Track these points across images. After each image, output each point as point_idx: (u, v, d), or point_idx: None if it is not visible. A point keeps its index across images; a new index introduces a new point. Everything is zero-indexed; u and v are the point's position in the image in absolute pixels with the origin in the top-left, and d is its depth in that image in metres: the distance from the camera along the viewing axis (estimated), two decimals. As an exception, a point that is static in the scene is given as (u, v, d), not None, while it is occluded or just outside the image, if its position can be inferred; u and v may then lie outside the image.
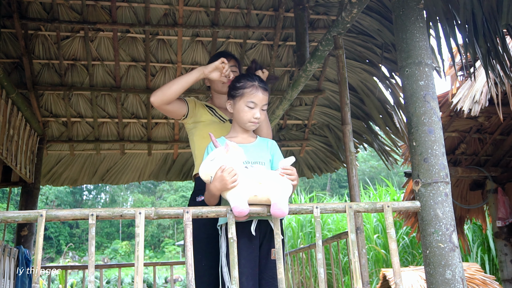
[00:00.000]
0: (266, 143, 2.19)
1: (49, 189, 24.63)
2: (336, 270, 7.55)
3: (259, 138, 2.23)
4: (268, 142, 2.20)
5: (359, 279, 1.86)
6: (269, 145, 2.18)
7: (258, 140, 2.21)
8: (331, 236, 3.75)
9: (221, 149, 1.90)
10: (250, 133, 2.21)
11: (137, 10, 4.06)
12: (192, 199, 2.37)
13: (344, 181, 24.46)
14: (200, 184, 2.28)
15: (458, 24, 2.40)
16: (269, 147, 2.17)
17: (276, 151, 2.18)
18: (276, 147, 2.20)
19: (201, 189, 2.25)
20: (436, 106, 2.09)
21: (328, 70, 4.63)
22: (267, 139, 2.24)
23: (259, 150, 2.13)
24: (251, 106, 2.12)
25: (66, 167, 5.15)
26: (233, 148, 1.89)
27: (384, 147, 4.77)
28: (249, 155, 2.05)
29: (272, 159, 2.14)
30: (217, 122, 2.47)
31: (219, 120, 2.48)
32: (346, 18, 2.74)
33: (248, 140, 2.17)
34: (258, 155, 2.10)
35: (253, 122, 2.14)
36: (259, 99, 2.13)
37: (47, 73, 4.38)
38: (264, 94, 2.15)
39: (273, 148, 2.18)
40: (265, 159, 2.10)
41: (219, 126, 2.44)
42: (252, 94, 2.13)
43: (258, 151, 2.12)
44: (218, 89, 2.52)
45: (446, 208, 1.98)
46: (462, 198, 6.13)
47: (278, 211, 1.80)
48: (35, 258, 1.66)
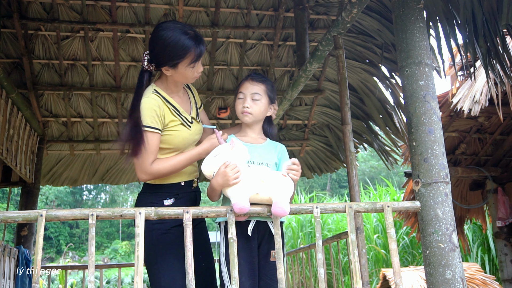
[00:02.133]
0: (275, 147, 2.19)
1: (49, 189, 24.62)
2: (336, 270, 7.55)
3: (269, 140, 2.23)
4: (277, 145, 2.20)
5: (359, 279, 1.86)
6: (278, 149, 2.19)
7: (267, 142, 2.21)
8: (331, 236, 3.75)
9: (226, 145, 1.91)
10: (259, 134, 2.21)
11: (137, 10, 4.06)
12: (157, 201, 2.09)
13: (344, 181, 24.45)
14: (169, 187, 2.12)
15: (458, 24, 2.40)
16: (277, 151, 2.17)
17: (284, 155, 2.18)
18: (285, 151, 2.20)
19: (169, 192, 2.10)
20: (436, 106, 2.09)
21: (328, 70, 4.63)
22: (277, 142, 2.24)
23: (266, 152, 2.13)
24: (240, 97, 2.17)
25: (66, 167, 5.15)
26: (238, 145, 1.90)
27: (384, 147, 4.77)
28: (256, 156, 2.06)
29: (279, 163, 2.13)
30: (185, 129, 2.12)
31: (186, 126, 2.13)
32: (346, 18, 2.74)
33: (257, 141, 2.17)
34: (264, 156, 2.10)
35: (244, 112, 2.13)
36: (245, 88, 2.16)
37: (47, 73, 4.38)
38: (251, 83, 2.16)
39: (281, 152, 2.18)
40: (271, 161, 2.10)
41: (188, 134, 2.13)
42: (240, 86, 2.19)
43: (265, 153, 2.12)
44: (186, 79, 2.14)
45: (446, 208, 1.98)
46: (462, 198, 6.13)
47: (280, 210, 1.80)
48: (35, 258, 1.66)
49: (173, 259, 1.98)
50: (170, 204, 2.06)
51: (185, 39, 1.98)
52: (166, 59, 2.00)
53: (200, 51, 2.02)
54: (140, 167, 1.97)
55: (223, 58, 4.54)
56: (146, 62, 2.07)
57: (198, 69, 2.09)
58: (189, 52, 1.99)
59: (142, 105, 2.00)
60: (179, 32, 1.99)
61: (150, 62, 2.08)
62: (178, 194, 2.09)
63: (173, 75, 2.06)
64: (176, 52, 1.98)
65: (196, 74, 2.09)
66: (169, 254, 1.99)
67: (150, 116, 1.99)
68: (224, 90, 4.72)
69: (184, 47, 1.97)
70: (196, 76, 2.11)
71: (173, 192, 2.08)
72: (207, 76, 4.63)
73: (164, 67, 2.03)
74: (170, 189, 2.08)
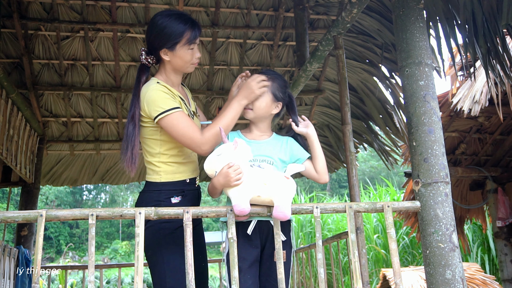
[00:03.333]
0: (281, 141, 2.14)
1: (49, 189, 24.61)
2: (336, 270, 7.55)
3: (275, 135, 2.18)
4: (283, 140, 2.15)
5: (359, 279, 1.86)
6: (285, 143, 2.13)
7: (272, 137, 2.16)
8: (331, 236, 3.75)
9: (229, 145, 1.89)
10: (266, 131, 2.16)
11: (137, 10, 4.06)
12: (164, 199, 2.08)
13: (344, 181, 24.45)
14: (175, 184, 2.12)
15: (458, 24, 2.40)
16: (283, 145, 2.12)
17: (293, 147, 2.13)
18: (293, 143, 2.14)
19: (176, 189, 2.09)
20: (436, 106, 2.09)
21: (328, 70, 4.63)
22: (283, 136, 2.18)
23: (271, 147, 2.09)
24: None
25: (66, 167, 5.15)
26: (242, 145, 1.88)
27: (384, 147, 4.77)
28: (259, 152, 2.03)
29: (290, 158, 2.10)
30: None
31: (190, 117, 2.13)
32: (346, 18, 2.74)
33: (262, 137, 2.14)
34: (268, 152, 2.06)
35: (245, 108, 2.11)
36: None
37: (47, 73, 4.38)
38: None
39: (289, 146, 2.13)
40: (274, 157, 2.06)
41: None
42: None
43: (270, 149, 2.08)
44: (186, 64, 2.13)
45: (446, 208, 1.98)
46: (462, 198, 6.13)
47: (281, 214, 1.79)
48: (35, 258, 1.66)
49: (180, 261, 1.95)
50: (178, 202, 2.04)
51: (180, 21, 2.05)
52: (164, 41, 2.04)
53: (196, 33, 2.07)
54: (194, 144, 1.97)
55: (223, 58, 4.54)
56: (144, 55, 2.10)
57: (196, 54, 2.12)
58: (186, 32, 2.04)
59: (150, 96, 1.99)
60: (175, 16, 2.06)
61: (148, 54, 2.11)
62: (184, 191, 2.07)
63: (171, 60, 2.08)
64: (173, 33, 2.03)
65: (194, 59, 2.12)
66: (176, 255, 1.97)
67: (166, 99, 1.99)
68: (224, 90, 4.72)
69: (180, 27, 2.03)
70: (194, 62, 2.13)
71: (179, 190, 2.06)
72: (207, 76, 4.63)
73: (162, 50, 2.06)
74: (176, 186, 2.07)
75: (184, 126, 1.96)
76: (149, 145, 2.09)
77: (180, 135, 1.96)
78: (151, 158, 2.09)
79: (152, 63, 2.12)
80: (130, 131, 2.02)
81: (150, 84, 2.04)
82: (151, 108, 1.98)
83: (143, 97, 2.02)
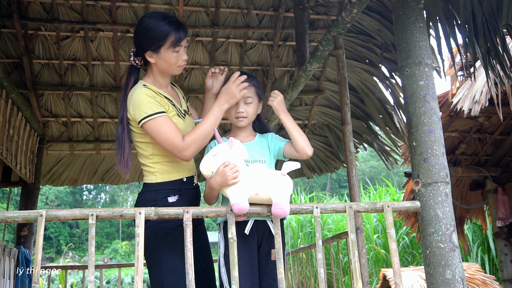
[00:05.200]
0: (265, 139, 2.17)
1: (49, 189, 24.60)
2: (336, 270, 7.55)
3: (258, 135, 2.20)
4: (266, 138, 2.18)
5: (359, 279, 1.86)
6: (268, 140, 2.16)
7: (257, 138, 2.18)
8: (331, 236, 3.76)
9: (224, 145, 1.90)
10: (249, 132, 2.19)
11: (137, 10, 4.06)
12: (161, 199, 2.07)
13: (344, 181, 24.45)
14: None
15: (458, 24, 2.40)
16: (267, 142, 2.15)
17: (275, 140, 2.16)
18: (275, 137, 2.17)
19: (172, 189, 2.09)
20: (436, 106, 2.09)
21: (328, 70, 4.63)
22: (265, 134, 2.20)
23: (259, 148, 2.12)
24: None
25: (66, 167, 5.15)
26: (237, 145, 1.89)
27: (384, 147, 4.77)
28: (249, 153, 2.04)
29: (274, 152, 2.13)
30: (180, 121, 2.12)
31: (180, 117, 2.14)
32: (346, 18, 2.74)
33: (247, 139, 2.15)
34: (258, 153, 2.09)
35: (239, 117, 2.12)
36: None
37: (47, 73, 4.38)
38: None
39: (272, 140, 2.16)
40: (265, 157, 2.09)
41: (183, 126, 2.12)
42: None
43: (258, 150, 2.11)
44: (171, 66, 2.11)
45: (446, 208, 1.98)
46: (462, 198, 6.13)
47: (280, 211, 1.79)
48: (35, 258, 1.66)
49: (177, 261, 1.95)
50: (175, 201, 2.04)
51: (165, 23, 2.04)
52: (148, 44, 2.04)
53: (180, 35, 2.06)
54: (175, 149, 1.97)
55: (223, 58, 4.54)
56: (132, 56, 2.12)
57: (182, 57, 2.11)
58: (170, 35, 2.03)
59: (135, 100, 2.00)
60: (160, 18, 2.06)
61: (136, 56, 2.12)
62: (181, 190, 2.08)
63: (157, 62, 2.08)
64: (157, 35, 2.02)
65: (180, 62, 2.11)
66: (174, 255, 1.97)
67: (150, 103, 1.99)
68: (224, 90, 4.71)
69: (164, 30, 2.03)
70: (180, 64, 2.12)
71: (176, 189, 2.07)
72: (207, 76, 4.62)
73: (147, 52, 2.06)
74: (172, 185, 2.07)
75: (167, 131, 1.96)
76: (142, 147, 2.10)
77: (162, 140, 1.96)
78: (145, 160, 2.10)
79: (140, 64, 2.13)
80: (119, 134, 2.05)
81: (136, 88, 2.06)
82: (136, 112, 2.00)
83: (129, 101, 2.04)
